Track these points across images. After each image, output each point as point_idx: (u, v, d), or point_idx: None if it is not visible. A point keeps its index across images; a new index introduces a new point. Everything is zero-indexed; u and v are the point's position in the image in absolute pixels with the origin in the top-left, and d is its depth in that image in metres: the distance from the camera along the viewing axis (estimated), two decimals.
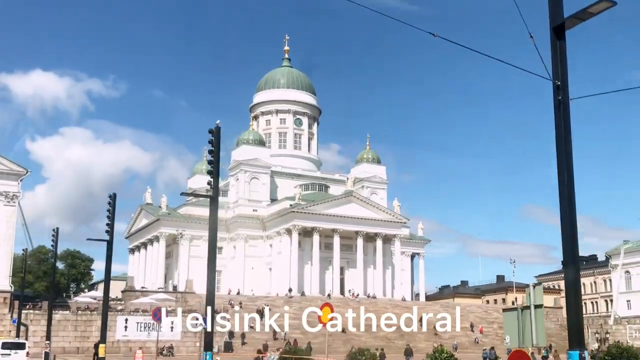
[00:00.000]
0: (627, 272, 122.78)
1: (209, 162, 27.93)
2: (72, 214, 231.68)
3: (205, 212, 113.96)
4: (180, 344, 72.99)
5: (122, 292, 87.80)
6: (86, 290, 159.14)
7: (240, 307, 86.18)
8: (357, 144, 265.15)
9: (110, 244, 41.81)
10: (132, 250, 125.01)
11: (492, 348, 66.76)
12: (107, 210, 40.67)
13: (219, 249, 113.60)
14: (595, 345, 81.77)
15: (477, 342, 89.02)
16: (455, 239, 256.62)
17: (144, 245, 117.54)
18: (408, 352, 54.20)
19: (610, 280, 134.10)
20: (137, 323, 71.55)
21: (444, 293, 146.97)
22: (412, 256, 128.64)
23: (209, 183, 28.37)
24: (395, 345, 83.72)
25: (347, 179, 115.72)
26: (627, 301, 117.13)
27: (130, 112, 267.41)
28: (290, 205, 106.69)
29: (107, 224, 40.88)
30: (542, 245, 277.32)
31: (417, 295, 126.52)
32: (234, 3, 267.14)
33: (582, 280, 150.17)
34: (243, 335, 73.94)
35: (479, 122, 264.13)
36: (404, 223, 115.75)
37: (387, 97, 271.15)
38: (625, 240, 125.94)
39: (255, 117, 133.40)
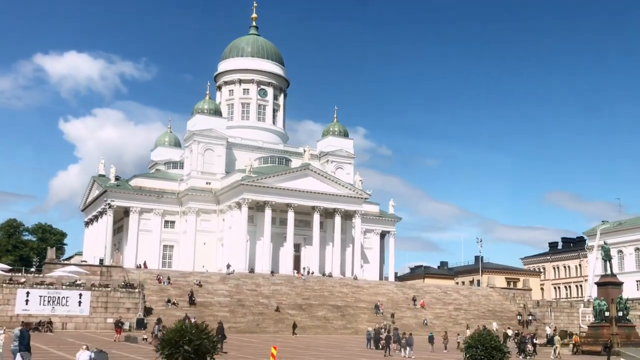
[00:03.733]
0: None
1: None
2: None
3: (156, 184, 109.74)
4: (88, 320, 67.95)
5: (44, 264, 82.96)
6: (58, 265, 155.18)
7: (169, 282, 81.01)
8: (345, 120, 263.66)
9: None
10: (86, 224, 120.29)
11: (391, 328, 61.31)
12: None
13: (171, 223, 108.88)
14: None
15: (426, 324, 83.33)
16: (478, 224, 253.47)
17: (96, 218, 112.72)
18: (219, 330, 48.10)
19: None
20: (40, 297, 66.41)
21: (415, 273, 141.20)
22: (383, 235, 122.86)
23: None
24: (332, 326, 78.30)
25: (304, 151, 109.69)
26: None
27: (161, 94, 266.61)
28: (242, 178, 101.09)
29: None
30: (564, 230, 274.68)
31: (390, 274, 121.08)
32: None
33: (568, 262, 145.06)
34: (160, 321, 68.33)
35: (500, 110, 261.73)
36: (365, 199, 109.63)
37: (389, 74, 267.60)
38: (603, 220, 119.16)
39: (219, 87, 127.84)
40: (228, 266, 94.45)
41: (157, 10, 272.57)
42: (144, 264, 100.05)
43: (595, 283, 61.35)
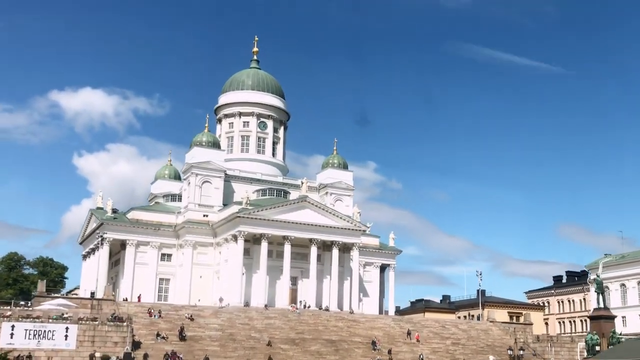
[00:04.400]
0: (607, 287, 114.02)
1: None
2: None
3: (153, 216, 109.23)
4: (74, 354, 66.90)
5: (34, 296, 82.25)
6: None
7: (160, 316, 80.00)
8: (355, 154, 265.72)
9: None
10: (84, 257, 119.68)
11: None
12: None
13: (168, 256, 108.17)
14: None
15: (422, 359, 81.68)
16: (489, 258, 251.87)
17: (93, 251, 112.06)
18: None
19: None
20: (26, 330, 65.52)
21: (416, 307, 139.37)
22: (383, 268, 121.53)
23: None
24: None
25: (302, 183, 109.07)
26: None
27: (174, 129, 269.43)
28: (238, 210, 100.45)
29: None
30: (577, 265, 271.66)
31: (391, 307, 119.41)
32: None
33: (572, 297, 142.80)
34: (146, 356, 67.42)
35: (516, 143, 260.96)
36: (363, 231, 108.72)
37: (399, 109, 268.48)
38: (606, 253, 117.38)
39: (220, 120, 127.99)
40: (220, 300, 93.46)
41: (170, 46, 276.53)
42: (139, 297, 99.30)
43: (588, 317, 59.90)
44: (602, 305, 57.61)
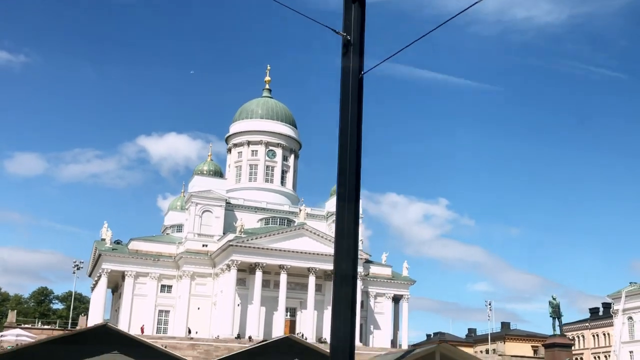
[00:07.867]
0: (630, 318, 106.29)
1: None
2: None
3: (153, 247, 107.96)
4: None
5: (4, 327, 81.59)
6: None
7: None
8: (426, 191, 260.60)
9: None
10: (92, 289, 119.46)
11: None
12: None
13: (168, 287, 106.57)
14: None
15: None
16: (564, 294, 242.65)
17: (97, 283, 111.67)
18: None
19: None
20: None
21: (431, 341, 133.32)
22: (397, 299, 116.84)
23: None
24: None
25: (300, 210, 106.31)
26: (630, 352, 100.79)
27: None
28: (233, 238, 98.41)
29: None
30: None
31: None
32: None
33: (607, 330, 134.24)
34: None
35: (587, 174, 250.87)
36: (365, 260, 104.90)
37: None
38: (631, 282, 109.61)
39: (230, 150, 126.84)
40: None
41: (248, 90, 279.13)
42: (141, 328, 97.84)
43: (542, 345, 54.81)
44: (557, 332, 52.49)
